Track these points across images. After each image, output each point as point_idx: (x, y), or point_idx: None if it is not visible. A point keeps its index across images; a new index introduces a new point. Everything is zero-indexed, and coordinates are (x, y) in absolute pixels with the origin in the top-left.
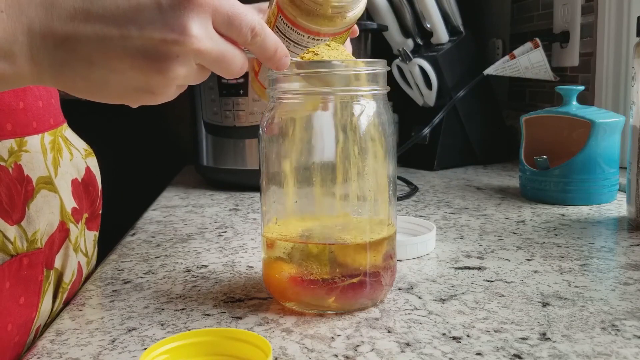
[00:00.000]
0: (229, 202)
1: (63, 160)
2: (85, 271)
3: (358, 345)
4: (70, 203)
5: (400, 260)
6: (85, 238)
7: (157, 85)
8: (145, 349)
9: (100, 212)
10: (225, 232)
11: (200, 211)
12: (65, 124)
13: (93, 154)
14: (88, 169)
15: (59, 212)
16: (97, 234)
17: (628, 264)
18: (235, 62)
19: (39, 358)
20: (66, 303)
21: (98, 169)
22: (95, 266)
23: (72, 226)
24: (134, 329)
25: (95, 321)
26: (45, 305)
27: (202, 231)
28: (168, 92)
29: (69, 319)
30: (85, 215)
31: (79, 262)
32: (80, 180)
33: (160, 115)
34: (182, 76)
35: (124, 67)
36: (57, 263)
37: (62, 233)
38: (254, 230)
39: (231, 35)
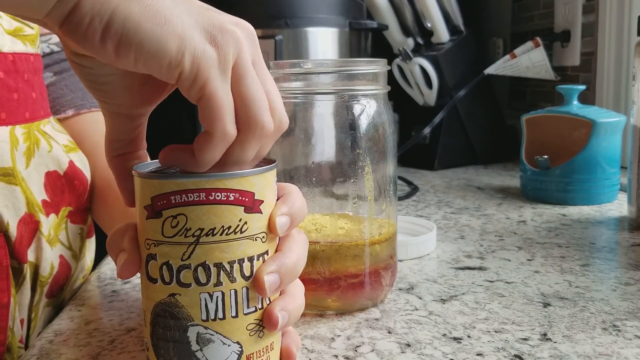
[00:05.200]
0: None
1: (39, 152)
2: (74, 265)
3: (358, 346)
4: (40, 195)
5: (400, 260)
6: (67, 231)
7: None
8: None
9: (89, 206)
10: None
11: None
12: (49, 119)
13: (78, 149)
14: (72, 163)
15: (25, 203)
16: (84, 227)
17: (629, 264)
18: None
19: (38, 359)
20: (50, 296)
21: (86, 164)
22: (94, 264)
23: (42, 218)
24: (133, 330)
25: (95, 321)
26: (24, 297)
27: None
28: None
29: (68, 320)
30: (69, 208)
31: (61, 256)
32: (62, 173)
33: (160, 114)
34: None
35: None
36: (31, 256)
37: (31, 225)
38: None
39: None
